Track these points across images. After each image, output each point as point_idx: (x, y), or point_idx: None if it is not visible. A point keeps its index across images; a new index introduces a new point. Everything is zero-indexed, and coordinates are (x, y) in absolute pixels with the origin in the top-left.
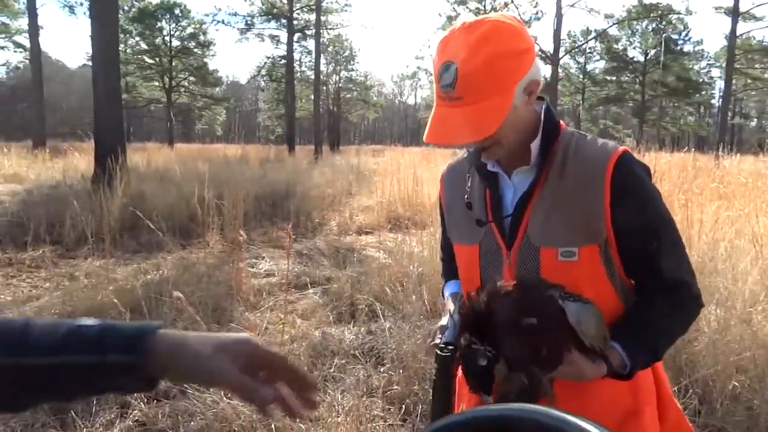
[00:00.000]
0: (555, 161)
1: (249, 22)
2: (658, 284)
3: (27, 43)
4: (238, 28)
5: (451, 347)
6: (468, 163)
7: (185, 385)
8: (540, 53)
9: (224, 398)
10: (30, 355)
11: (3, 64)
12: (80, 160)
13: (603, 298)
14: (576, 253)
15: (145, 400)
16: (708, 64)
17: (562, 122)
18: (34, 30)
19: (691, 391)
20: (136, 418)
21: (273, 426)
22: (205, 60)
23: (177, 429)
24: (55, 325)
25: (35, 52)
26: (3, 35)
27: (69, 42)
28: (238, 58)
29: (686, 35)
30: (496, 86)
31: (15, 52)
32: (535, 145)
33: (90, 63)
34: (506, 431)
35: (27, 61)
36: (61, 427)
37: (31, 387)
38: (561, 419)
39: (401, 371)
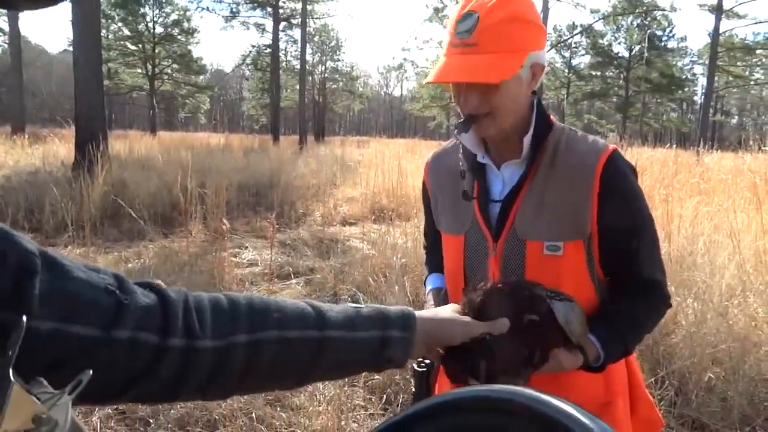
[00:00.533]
0: (545, 156)
1: (234, 9)
2: (635, 282)
3: (6, 27)
4: (222, 16)
5: (428, 362)
6: (454, 150)
7: None
8: None
9: None
10: (332, 329)
11: None
12: (60, 146)
13: (581, 292)
14: (561, 247)
15: None
16: (691, 61)
17: (551, 117)
18: (12, 13)
19: (667, 382)
20: (116, 405)
21: (254, 414)
22: (188, 47)
23: (157, 417)
24: (340, 307)
25: (14, 35)
26: None
27: (50, 26)
28: (222, 46)
29: (670, 32)
30: (511, 44)
31: None
32: (527, 139)
33: (71, 48)
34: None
35: (6, 45)
36: None
37: (326, 358)
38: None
39: None
